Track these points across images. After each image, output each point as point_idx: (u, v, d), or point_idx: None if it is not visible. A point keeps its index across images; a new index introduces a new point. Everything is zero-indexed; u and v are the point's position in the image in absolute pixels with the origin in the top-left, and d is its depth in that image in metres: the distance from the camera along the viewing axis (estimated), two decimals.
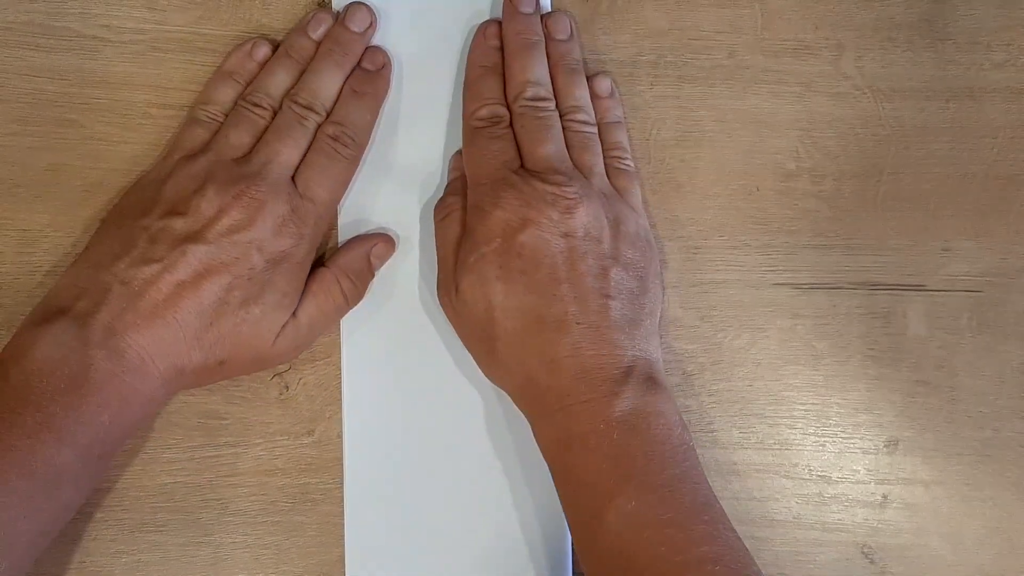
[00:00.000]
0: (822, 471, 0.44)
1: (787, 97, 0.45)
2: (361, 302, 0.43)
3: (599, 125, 0.44)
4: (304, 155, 0.41)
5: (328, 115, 0.42)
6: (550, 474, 0.40)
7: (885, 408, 0.44)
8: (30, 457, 0.35)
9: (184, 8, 0.44)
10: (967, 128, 0.45)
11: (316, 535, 0.43)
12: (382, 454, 0.43)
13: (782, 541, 0.44)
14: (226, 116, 0.42)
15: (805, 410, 0.44)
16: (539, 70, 0.43)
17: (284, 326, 0.40)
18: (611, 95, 0.44)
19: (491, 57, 0.43)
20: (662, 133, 0.45)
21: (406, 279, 0.44)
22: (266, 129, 0.41)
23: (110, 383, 0.37)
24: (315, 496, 0.43)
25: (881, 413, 0.44)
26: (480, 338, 0.40)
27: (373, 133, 0.43)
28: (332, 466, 0.43)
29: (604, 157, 0.43)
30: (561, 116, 0.43)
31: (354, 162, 0.42)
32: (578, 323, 0.38)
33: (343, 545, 0.43)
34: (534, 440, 0.40)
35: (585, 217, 0.39)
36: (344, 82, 0.43)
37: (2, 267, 0.43)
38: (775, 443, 0.44)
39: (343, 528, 0.43)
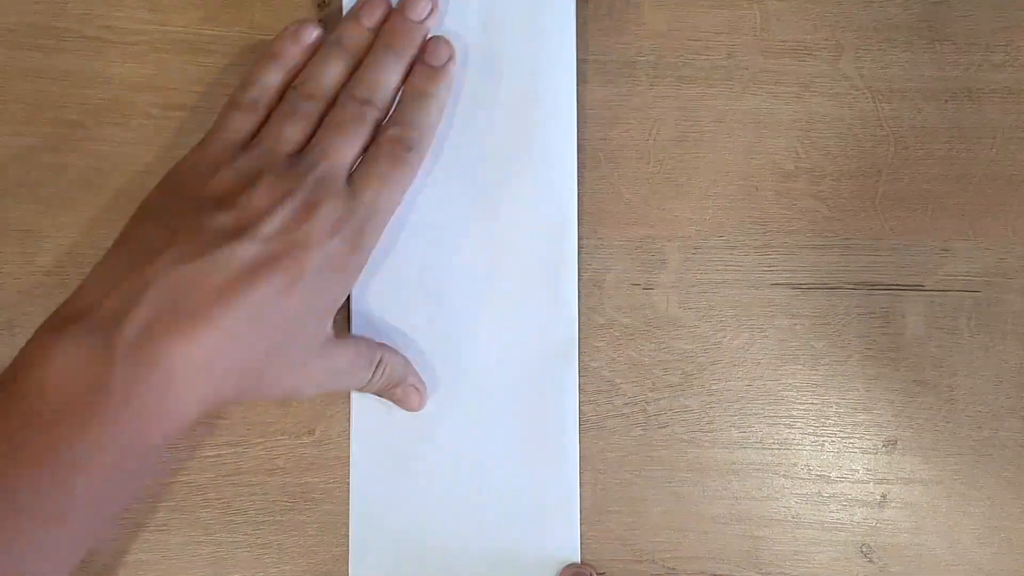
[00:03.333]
0: (821, 470, 0.44)
1: (786, 97, 0.45)
2: (362, 300, 0.43)
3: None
4: (361, 155, 0.39)
5: (388, 113, 0.39)
6: (556, 472, 0.40)
7: (884, 408, 0.45)
8: (35, 496, 0.31)
9: (185, 9, 0.44)
10: (966, 128, 0.45)
11: (317, 534, 0.43)
12: (388, 452, 0.43)
13: (781, 540, 0.44)
14: (270, 103, 0.39)
15: (804, 410, 0.45)
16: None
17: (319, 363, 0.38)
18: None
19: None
20: (662, 133, 0.45)
21: (409, 275, 0.44)
22: (319, 123, 0.39)
23: (132, 402, 0.33)
24: (316, 495, 0.43)
25: (880, 413, 0.45)
26: None
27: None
28: (333, 465, 0.43)
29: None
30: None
31: (415, 168, 0.39)
32: None
33: (344, 544, 0.43)
34: (540, 438, 0.40)
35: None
36: (404, 75, 0.40)
37: (2, 267, 0.43)
38: (774, 443, 0.44)
39: (344, 527, 0.43)
